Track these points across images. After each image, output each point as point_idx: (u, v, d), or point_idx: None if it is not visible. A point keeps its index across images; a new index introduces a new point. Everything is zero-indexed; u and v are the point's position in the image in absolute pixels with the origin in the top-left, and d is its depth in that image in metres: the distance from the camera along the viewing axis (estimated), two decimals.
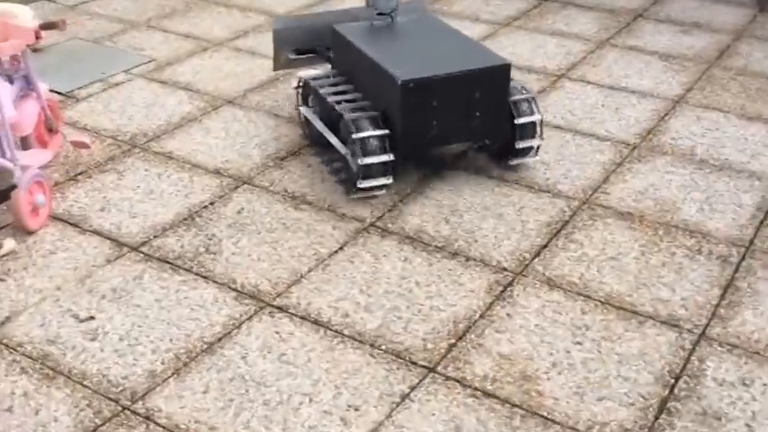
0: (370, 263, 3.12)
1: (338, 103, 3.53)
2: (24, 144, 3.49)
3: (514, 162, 3.70)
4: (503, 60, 3.51)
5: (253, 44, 4.97)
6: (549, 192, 3.61)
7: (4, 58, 3.31)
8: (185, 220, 3.35)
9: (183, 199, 3.48)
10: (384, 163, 3.38)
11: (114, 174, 3.63)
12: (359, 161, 3.33)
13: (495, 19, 5.58)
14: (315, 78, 3.79)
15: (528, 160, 3.73)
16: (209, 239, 3.22)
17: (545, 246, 3.25)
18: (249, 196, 3.52)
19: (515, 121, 3.54)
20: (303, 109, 3.85)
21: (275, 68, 4.13)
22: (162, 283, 2.97)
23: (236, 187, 3.58)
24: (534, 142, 3.64)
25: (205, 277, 3.01)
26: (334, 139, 3.55)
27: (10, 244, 3.06)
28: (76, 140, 3.64)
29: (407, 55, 3.52)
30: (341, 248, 3.20)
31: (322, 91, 3.64)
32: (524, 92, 3.63)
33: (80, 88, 4.37)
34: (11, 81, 3.40)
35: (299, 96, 3.91)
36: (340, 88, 3.68)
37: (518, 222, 3.39)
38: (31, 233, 3.18)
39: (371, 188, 3.44)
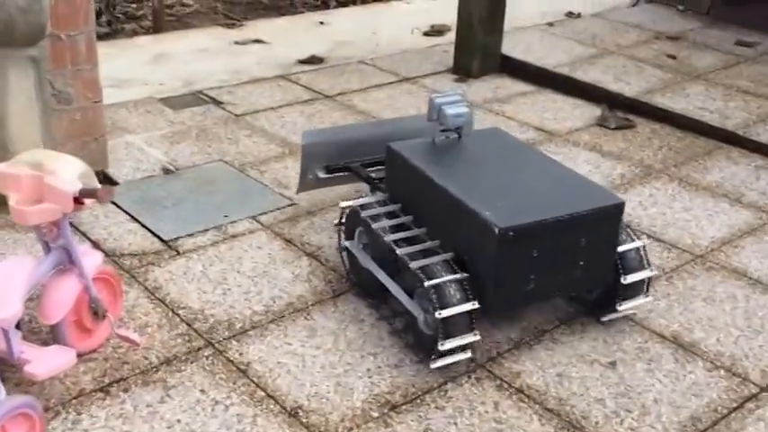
0: None
1: (402, 246, 2.83)
2: (57, 334, 2.62)
3: (608, 318, 3.04)
4: (616, 198, 2.90)
5: None
6: None
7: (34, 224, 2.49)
8: None
9: None
10: (468, 314, 2.68)
11: (159, 390, 2.63)
12: (436, 314, 2.62)
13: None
14: (365, 207, 3.07)
15: (630, 311, 3.07)
16: None
17: None
18: None
19: (622, 280, 2.92)
20: (350, 245, 3.13)
21: (299, 190, 3.51)
22: None
23: None
24: (640, 300, 3.04)
25: None
26: (401, 294, 2.86)
27: None
28: (123, 335, 2.71)
29: (496, 190, 2.88)
30: None
31: (376, 225, 2.97)
32: (632, 237, 2.99)
33: (189, 236, 3.50)
34: (48, 249, 2.59)
35: (343, 228, 3.18)
36: (398, 222, 3.00)
37: None
38: None
39: (454, 350, 2.70)
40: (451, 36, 5.72)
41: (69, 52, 3.49)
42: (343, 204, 3.13)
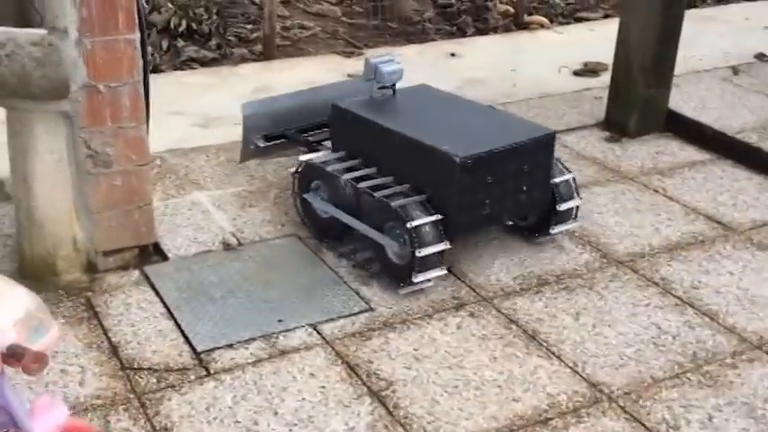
0: None
1: (375, 188, 3.12)
2: None
3: (540, 240, 3.41)
4: (547, 130, 3.34)
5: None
6: None
7: None
8: None
9: None
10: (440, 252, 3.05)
11: None
12: (417, 253, 2.96)
13: None
14: (322, 160, 3.33)
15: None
16: None
17: None
18: None
19: (558, 207, 3.31)
20: (310, 197, 3.36)
21: (241, 160, 3.73)
22: None
23: None
24: (570, 225, 3.42)
25: None
26: (371, 231, 3.12)
27: None
28: None
29: (447, 130, 3.25)
30: None
31: (346, 177, 3.21)
32: (563, 170, 3.38)
33: (228, 347, 2.75)
34: None
35: (297, 182, 3.42)
36: (360, 171, 3.25)
37: None
38: None
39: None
40: (608, 78, 4.71)
41: (110, 107, 2.84)
42: (303, 158, 3.35)
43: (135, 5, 2.80)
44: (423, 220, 2.97)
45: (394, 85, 3.46)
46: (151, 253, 3.21)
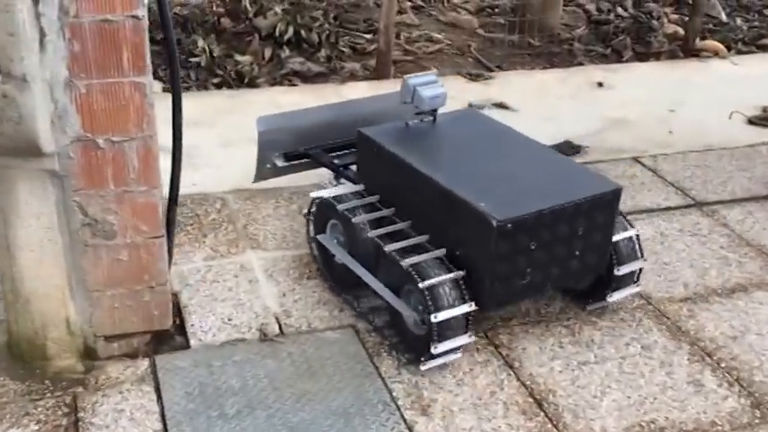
0: None
1: (387, 241, 2.62)
2: None
3: (593, 307, 2.84)
4: (613, 184, 2.71)
5: None
6: None
7: None
8: None
9: None
10: (464, 315, 2.51)
11: None
12: (432, 317, 2.44)
13: None
14: (338, 199, 2.84)
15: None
16: None
17: None
18: None
19: (615, 272, 2.73)
20: (323, 239, 2.90)
21: (256, 179, 3.21)
22: None
23: None
24: (629, 290, 2.85)
25: None
26: (386, 293, 2.61)
27: None
28: None
29: (486, 179, 2.67)
30: None
31: (357, 220, 2.74)
32: (625, 225, 2.80)
33: None
34: None
35: (312, 221, 2.96)
36: (380, 216, 2.75)
37: None
38: None
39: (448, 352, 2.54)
40: None
41: (112, 165, 2.25)
42: (314, 195, 2.93)
43: (146, 38, 2.18)
44: (439, 279, 2.46)
45: (435, 111, 2.95)
46: (171, 335, 2.64)
